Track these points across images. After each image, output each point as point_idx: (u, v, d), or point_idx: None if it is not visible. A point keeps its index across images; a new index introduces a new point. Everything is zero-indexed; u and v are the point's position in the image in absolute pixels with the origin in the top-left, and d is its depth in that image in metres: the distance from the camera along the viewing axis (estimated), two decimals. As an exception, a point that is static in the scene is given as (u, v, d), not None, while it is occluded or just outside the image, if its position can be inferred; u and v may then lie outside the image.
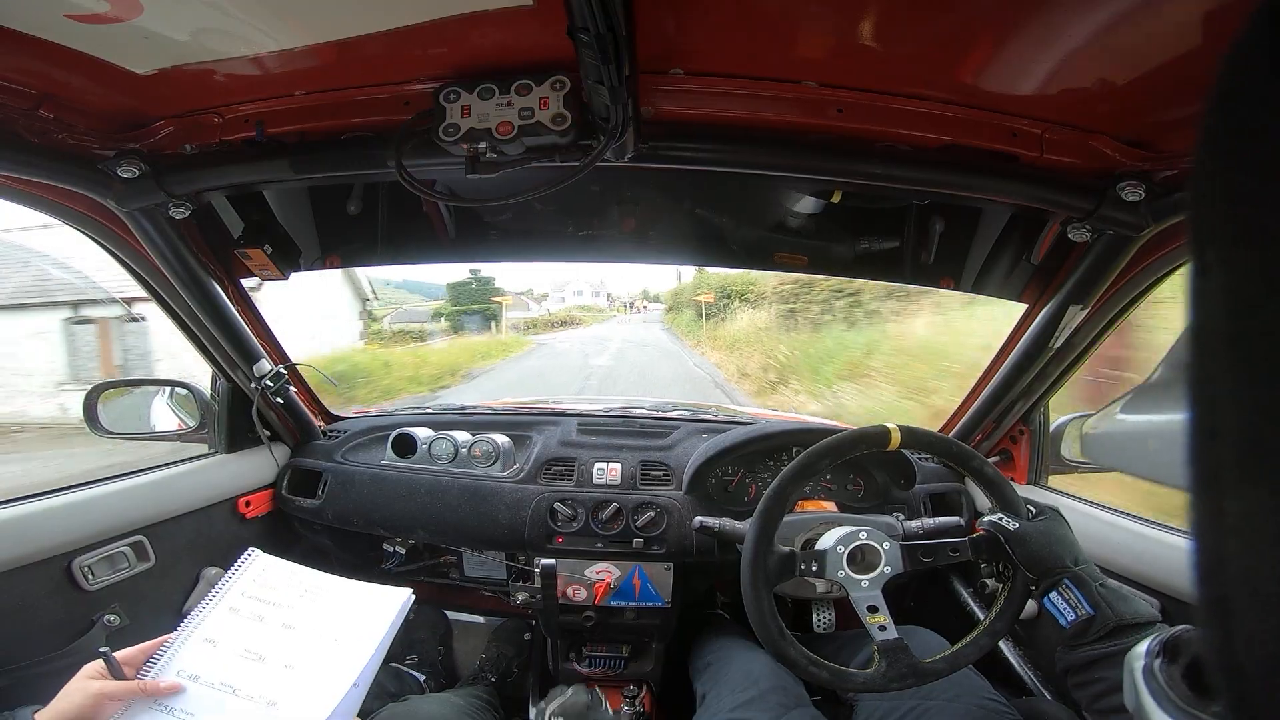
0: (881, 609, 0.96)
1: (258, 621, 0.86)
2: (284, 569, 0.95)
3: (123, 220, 1.09)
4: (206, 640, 0.83)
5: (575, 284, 47.08)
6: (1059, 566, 0.90)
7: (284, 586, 0.92)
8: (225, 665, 0.80)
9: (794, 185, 1.23)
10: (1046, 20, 0.69)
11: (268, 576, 0.93)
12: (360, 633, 0.86)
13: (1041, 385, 1.36)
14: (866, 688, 0.92)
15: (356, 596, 0.92)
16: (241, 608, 0.88)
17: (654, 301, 45.79)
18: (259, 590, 0.91)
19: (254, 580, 0.92)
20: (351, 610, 0.89)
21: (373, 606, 0.90)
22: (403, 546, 1.73)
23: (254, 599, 0.89)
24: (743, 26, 0.77)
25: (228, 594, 0.89)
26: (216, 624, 0.85)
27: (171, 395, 1.65)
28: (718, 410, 2.02)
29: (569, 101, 0.83)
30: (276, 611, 0.88)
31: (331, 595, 0.91)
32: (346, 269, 1.78)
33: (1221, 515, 0.23)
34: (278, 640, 0.84)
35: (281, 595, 0.90)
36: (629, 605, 1.56)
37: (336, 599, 0.91)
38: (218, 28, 0.73)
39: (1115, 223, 0.96)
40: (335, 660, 0.82)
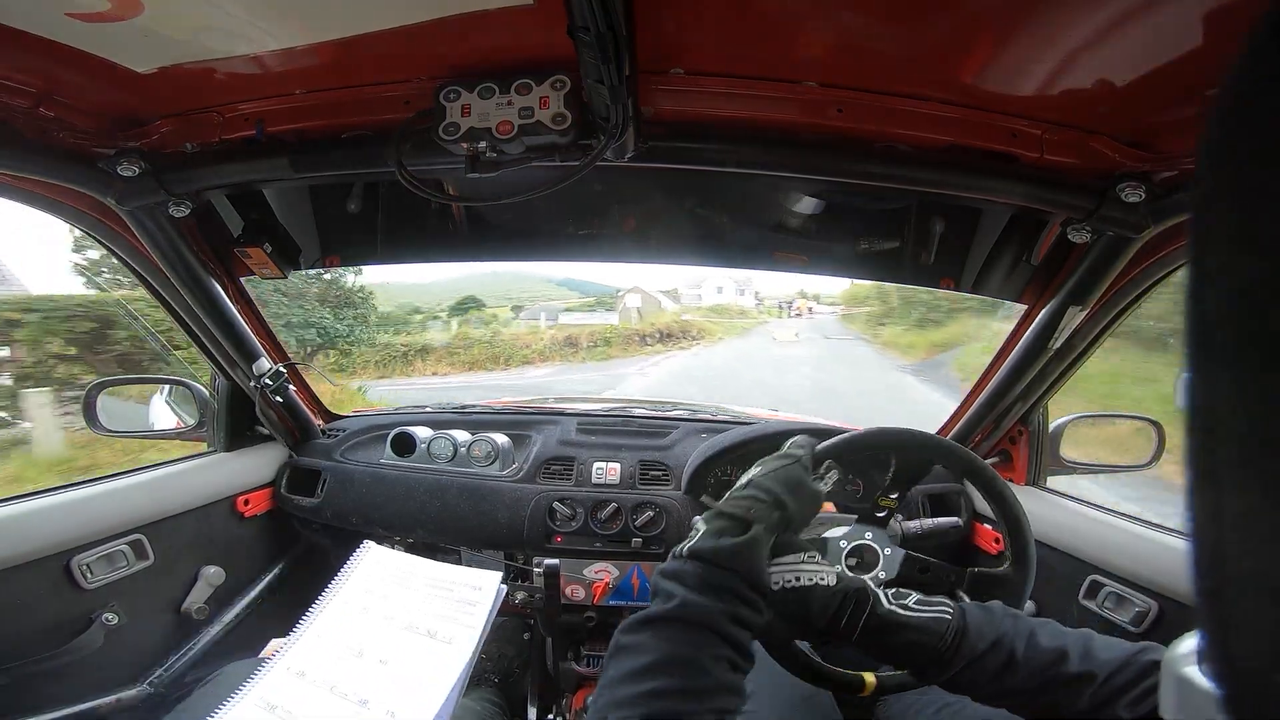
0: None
1: (362, 613, 0.86)
2: (392, 558, 0.94)
3: (123, 219, 1.09)
4: (318, 636, 0.83)
5: (714, 278, 37.95)
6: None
7: (388, 576, 0.91)
8: (330, 662, 0.80)
9: (794, 185, 1.23)
10: (1046, 21, 0.69)
11: (377, 567, 0.92)
12: (456, 628, 0.83)
13: (1040, 386, 1.36)
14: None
15: (449, 583, 0.89)
16: (351, 600, 0.88)
17: (817, 301, 38.13)
18: (367, 582, 0.90)
19: (366, 573, 0.92)
20: (444, 601, 0.87)
21: (469, 596, 0.87)
22: (402, 545, 1.73)
23: (363, 590, 0.89)
24: (743, 26, 0.77)
25: (343, 587, 0.89)
26: (329, 619, 0.85)
27: (171, 393, 1.65)
28: (717, 410, 2.02)
29: (569, 101, 0.83)
30: (380, 603, 0.87)
31: (425, 584, 0.90)
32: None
33: (1220, 512, 0.23)
34: (376, 633, 0.83)
35: (385, 586, 0.89)
36: (627, 605, 1.56)
37: (431, 586, 0.89)
38: (218, 26, 0.73)
39: (1115, 223, 0.96)
40: (431, 660, 0.80)
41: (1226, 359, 0.23)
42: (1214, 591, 0.24)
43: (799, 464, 0.80)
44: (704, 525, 0.70)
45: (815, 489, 0.79)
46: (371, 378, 15.73)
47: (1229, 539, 0.23)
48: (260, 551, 1.64)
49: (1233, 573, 0.23)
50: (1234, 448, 0.22)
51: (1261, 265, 0.21)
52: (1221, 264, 0.23)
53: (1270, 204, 0.21)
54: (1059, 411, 1.53)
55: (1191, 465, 0.24)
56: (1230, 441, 0.23)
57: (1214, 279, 0.23)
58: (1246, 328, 0.22)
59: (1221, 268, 0.23)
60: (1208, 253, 0.23)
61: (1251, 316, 0.22)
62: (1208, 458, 0.24)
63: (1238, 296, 0.22)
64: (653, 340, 19.00)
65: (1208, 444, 0.23)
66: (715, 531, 0.68)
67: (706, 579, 0.64)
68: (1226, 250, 0.23)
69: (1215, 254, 0.23)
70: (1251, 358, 0.22)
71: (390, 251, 1.38)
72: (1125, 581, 1.16)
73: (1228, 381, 0.23)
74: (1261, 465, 0.22)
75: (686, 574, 0.65)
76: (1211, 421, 0.23)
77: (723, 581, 0.64)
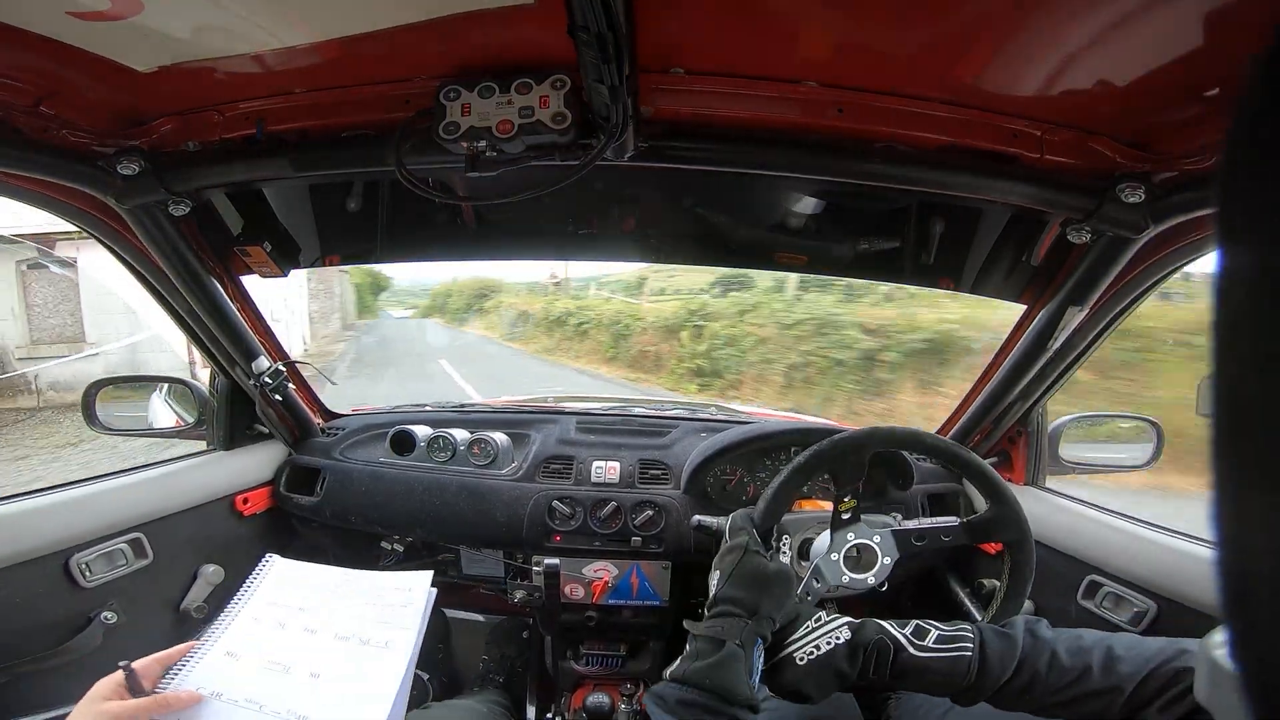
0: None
1: (279, 629, 0.81)
2: (303, 570, 0.90)
3: (123, 217, 1.09)
4: (228, 654, 0.77)
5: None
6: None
7: (304, 589, 0.86)
8: (249, 679, 0.75)
9: (794, 185, 1.23)
10: (1047, 21, 0.69)
11: (287, 580, 0.88)
12: (392, 631, 0.80)
13: (1040, 386, 1.37)
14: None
15: (376, 589, 0.86)
16: (262, 616, 0.82)
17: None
18: (279, 595, 0.85)
19: (274, 586, 0.87)
20: (373, 607, 0.83)
21: (400, 599, 0.84)
22: (400, 544, 1.74)
23: (274, 605, 0.84)
24: (743, 26, 0.77)
25: (248, 603, 0.84)
26: (237, 635, 0.80)
27: (170, 392, 1.65)
28: (716, 409, 2.02)
29: (569, 100, 0.83)
30: (298, 616, 0.82)
31: (350, 592, 0.86)
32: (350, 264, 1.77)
33: (1246, 511, 0.23)
34: (301, 647, 0.78)
35: (302, 598, 0.85)
36: (627, 604, 1.56)
37: (357, 595, 0.85)
38: (218, 25, 0.73)
39: (1115, 224, 0.96)
40: (369, 666, 0.76)
41: (1253, 354, 0.22)
42: (1238, 591, 0.24)
43: (748, 551, 0.85)
44: (688, 647, 0.79)
45: (777, 570, 0.85)
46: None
47: (1254, 537, 0.23)
48: (260, 550, 1.62)
49: (1258, 572, 0.23)
50: (1260, 444, 0.22)
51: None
52: (1248, 259, 0.23)
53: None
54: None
55: (1216, 462, 0.24)
56: (1256, 438, 0.22)
57: (1240, 274, 0.23)
58: (1272, 322, 0.22)
59: (1248, 262, 0.23)
60: (1234, 247, 0.23)
61: (1277, 311, 0.22)
62: (1233, 454, 0.23)
63: (1264, 292, 0.22)
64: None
65: (1233, 440, 0.23)
66: (693, 654, 0.78)
67: (683, 699, 0.74)
68: (1253, 245, 0.22)
69: (1241, 248, 0.23)
70: (1278, 352, 0.22)
71: (390, 251, 1.38)
72: (1124, 582, 1.16)
73: (1254, 378, 0.22)
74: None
75: (666, 696, 0.75)
76: (1237, 418, 0.23)
77: (697, 700, 0.73)
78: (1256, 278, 0.22)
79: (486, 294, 21.18)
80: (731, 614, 0.79)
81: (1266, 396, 0.22)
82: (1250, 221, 0.23)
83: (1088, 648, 0.75)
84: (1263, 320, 0.22)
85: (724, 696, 0.73)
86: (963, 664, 0.77)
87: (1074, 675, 0.73)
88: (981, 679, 0.76)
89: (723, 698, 0.73)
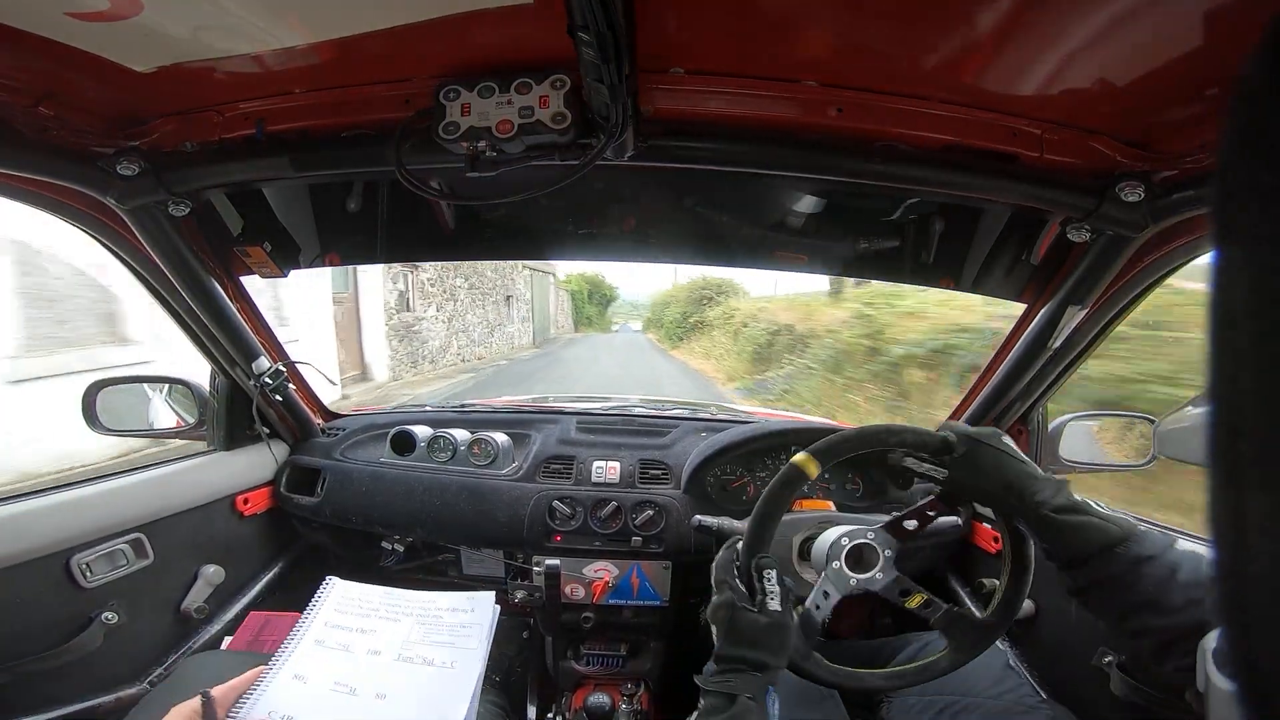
0: (913, 587, 0.94)
1: (344, 652, 0.81)
2: (364, 591, 0.89)
3: (122, 218, 1.09)
4: (296, 678, 0.77)
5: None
6: (1000, 500, 0.86)
7: (365, 610, 0.86)
8: (317, 702, 0.75)
9: (794, 185, 1.23)
10: (1046, 20, 0.69)
11: (349, 602, 0.88)
12: (454, 651, 0.80)
13: (1040, 385, 1.37)
14: (941, 672, 0.90)
15: (435, 609, 0.86)
16: (327, 639, 0.82)
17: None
18: (341, 619, 0.85)
19: (335, 609, 0.87)
20: (436, 628, 0.84)
21: (461, 619, 0.84)
22: (401, 544, 1.74)
23: (337, 628, 0.84)
24: (743, 26, 0.77)
25: (312, 626, 0.84)
26: (303, 658, 0.80)
27: (170, 392, 1.65)
28: (716, 409, 2.03)
29: (569, 100, 0.83)
30: (361, 638, 0.82)
31: (411, 612, 0.86)
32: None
33: (1243, 513, 0.23)
34: (366, 668, 0.78)
35: (363, 621, 0.85)
36: (627, 604, 1.57)
37: (417, 615, 0.85)
38: (218, 25, 0.73)
39: (1115, 223, 0.96)
40: (433, 686, 0.76)
41: (1251, 354, 0.22)
42: (1234, 593, 0.24)
43: (736, 609, 0.84)
44: (700, 702, 0.80)
45: (767, 625, 0.83)
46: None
47: (1251, 540, 0.23)
48: (260, 551, 1.64)
49: (1255, 574, 0.23)
50: (1257, 446, 0.22)
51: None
52: (1245, 257, 0.23)
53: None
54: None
55: (1213, 464, 0.23)
56: (1254, 440, 0.22)
57: (1237, 273, 0.23)
58: (1270, 323, 0.22)
59: (1245, 261, 0.22)
60: (1230, 247, 0.23)
61: (1275, 311, 0.21)
62: (1230, 456, 0.23)
63: (1262, 292, 0.22)
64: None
65: (1231, 442, 0.23)
66: (707, 710, 0.78)
67: None
68: (1250, 244, 0.22)
69: (1238, 248, 0.23)
70: (1276, 354, 0.22)
71: (390, 250, 1.39)
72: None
73: (1251, 378, 0.22)
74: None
75: None
76: (1234, 419, 0.23)
77: None
78: (1254, 277, 0.22)
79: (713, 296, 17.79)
80: (737, 670, 0.80)
81: (1263, 398, 0.22)
82: (1247, 220, 0.23)
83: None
84: (1260, 320, 0.22)
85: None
86: (1119, 527, 0.79)
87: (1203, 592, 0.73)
88: (1129, 546, 0.77)
89: None
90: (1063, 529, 0.80)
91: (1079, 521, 0.80)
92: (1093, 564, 0.79)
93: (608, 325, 22.22)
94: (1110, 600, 0.78)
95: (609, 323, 22.44)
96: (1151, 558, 0.76)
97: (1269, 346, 0.22)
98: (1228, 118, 0.22)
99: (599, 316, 23.00)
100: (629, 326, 23.18)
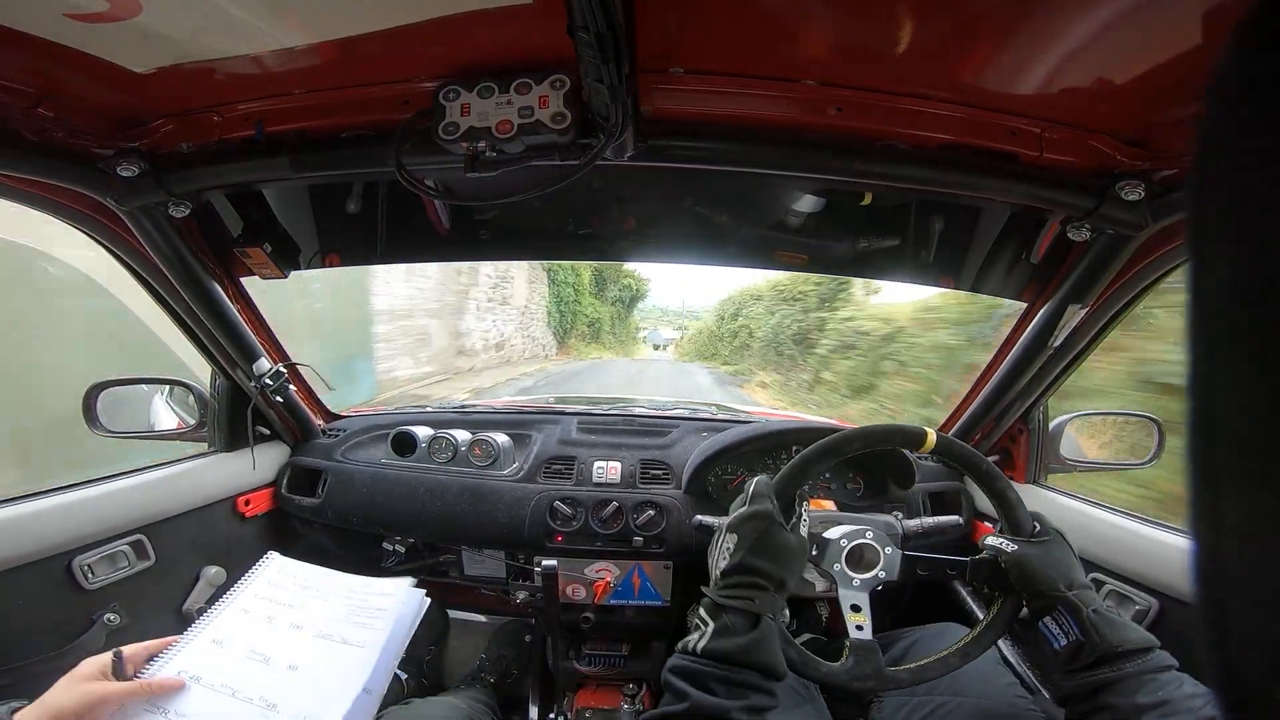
0: (864, 611, 0.95)
1: (266, 623, 0.85)
2: (299, 569, 0.93)
3: (122, 219, 1.09)
4: (214, 642, 0.81)
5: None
6: (1052, 590, 0.88)
7: (296, 587, 0.90)
8: (229, 667, 0.78)
9: (793, 184, 1.23)
10: (1046, 20, 0.68)
11: (282, 578, 0.92)
12: (367, 632, 0.83)
13: (1041, 384, 1.37)
14: (828, 679, 0.90)
15: (363, 593, 0.89)
16: (253, 609, 0.86)
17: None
18: (272, 591, 0.89)
19: (268, 582, 0.91)
20: (358, 608, 0.87)
21: (379, 603, 0.87)
22: (402, 545, 1.74)
23: (266, 600, 0.88)
24: (742, 25, 0.76)
25: (241, 596, 0.88)
26: (226, 625, 0.84)
27: (171, 394, 1.65)
28: (717, 409, 2.02)
29: (568, 100, 0.83)
30: (287, 612, 0.86)
31: (340, 593, 0.90)
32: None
33: (1220, 516, 0.23)
34: (284, 641, 0.82)
35: (293, 596, 0.89)
36: (628, 604, 1.57)
37: (345, 596, 0.89)
38: (217, 26, 0.73)
39: (1114, 222, 0.96)
40: (342, 662, 0.80)
41: (1226, 356, 0.22)
42: (1213, 598, 0.24)
43: (772, 522, 0.83)
44: (711, 621, 0.75)
45: (799, 545, 0.85)
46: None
47: (1229, 544, 0.23)
48: (261, 552, 1.63)
49: (1233, 579, 0.23)
50: (1234, 449, 0.22)
51: (1260, 258, 0.21)
52: (1219, 258, 0.22)
53: (1264, 195, 0.21)
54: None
55: (1191, 467, 0.23)
56: (1230, 442, 0.22)
57: (1212, 274, 0.23)
58: (1245, 324, 0.22)
59: (1219, 262, 0.22)
60: (1205, 247, 0.23)
61: (1250, 312, 0.21)
62: (1207, 459, 0.23)
63: (1236, 292, 0.22)
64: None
65: (1207, 445, 0.23)
66: (723, 628, 0.74)
67: (721, 676, 0.70)
68: (1224, 244, 0.22)
69: (1212, 248, 0.23)
70: (1251, 356, 0.21)
71: (390, 251, 1.38)
72: (1126, 579, 1.16)
73: (1227, 380, 0.22)
74: (1262, 467, 0.21)
75: (698, 673, 0.71)
76: (1211, 422, 0.23)
77: (738, 678, 0.70)
78: (1228, 278, 0.22)
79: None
80: (759, 585, 0.77)
81: (1237, 400, 0.22)
82: (1221, 220, 0.22)
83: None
84: (1235, 321, 0.22)
85: (766, 673, 0.72)
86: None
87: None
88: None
89: (765, 674, 0.72)
90: (1113, 625, 0.83)
91: (1123, 622, 0.84)
92: (1120, 662, 0.80)
93: (632, 336, 16.05)
94: (1121, 700, 0.79)
95: (634, 332, 16.29)
96: (1170, 668, 0.79)
97: (1244, 347, 0.22)
98: (1201, 119, 0.22)
99: (617, 323, 16.16)
100: (659, 334, 18.09)
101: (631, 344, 20.25)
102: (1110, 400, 3.46)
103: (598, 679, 1.65)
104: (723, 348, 16.21)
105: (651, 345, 31.79)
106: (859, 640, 0.93)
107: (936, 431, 0.96)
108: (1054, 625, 0.87)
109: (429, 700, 1.44)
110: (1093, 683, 0.81)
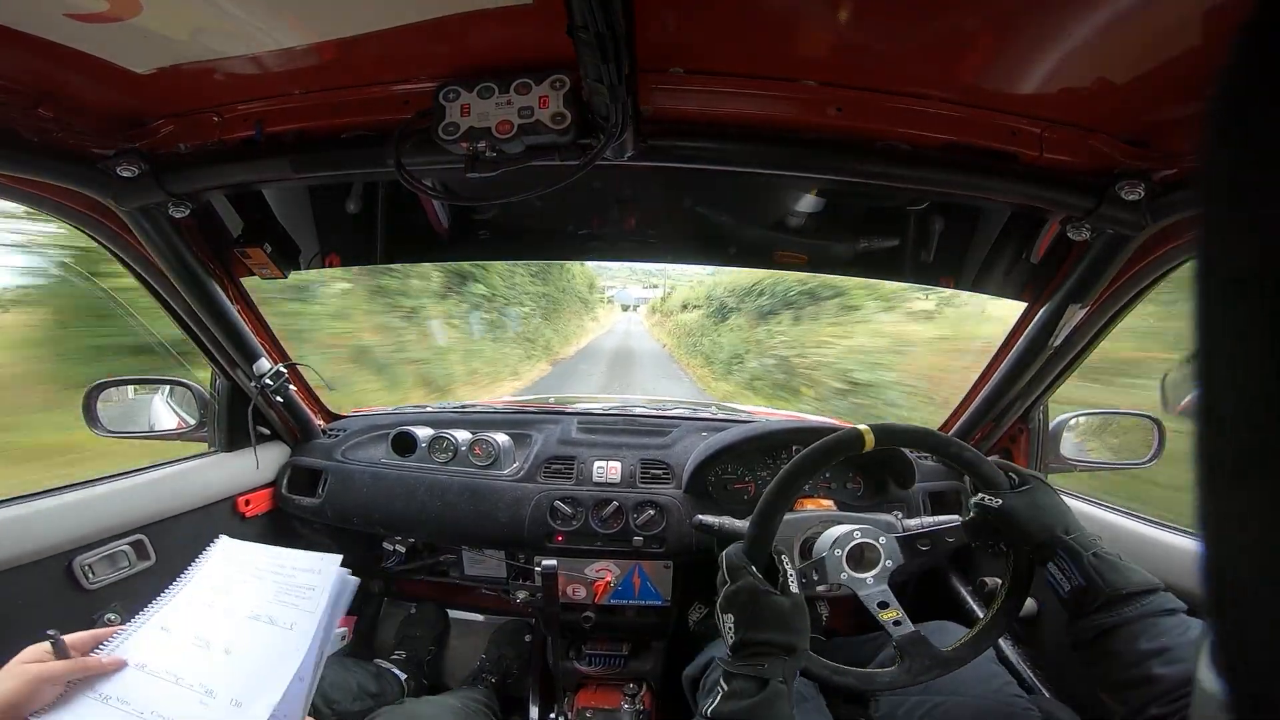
0: (892, 603, 0.95)
1: (208, 608, 0.83)
2: (242, 550, 0.91)
3: (122, 219, 1.09)
4: (161, 628, 0.80)
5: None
6: (1049, 537, 0.88)
7: (236, 567, 0.88)
8: (173, 653, 0.77)
9: (794, 184, 1.23)
10: (1046, 20, 0.68)
11: (229, 560, 0.89)
12: (295, 613, 0.80)
13: (1041, 384, 1.37)
14: (894, 686, 0.91)
15: (290, 567, 0.86)
16: (197, 594, 0.85)
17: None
18: (216, 575, 0.87)
19: (215, 565, 0.89)
20: (286, 586, 0.84)
21: (306, 580, 0.84)
22: (403, 545, 1.74)
23: (209, 585, 0.86)
24: (742, 25, 0.76)
25: (190, 581, 0.86)
26: (173, 611, 0.82)
27: (171, 394, 1.65)
28: (717, 409, 2.02)
29: (568, 100, 0.83)
30: (225, 596, 0.84)
31: (270, 569, 0.87)
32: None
33: (1229, 508, 0.23)
34: (221, 625, 0.80)
35: (234, 576, 0.87)
36: (629, 604, 1.57)
37: (274, 572, 0.86)
38: (217, 27, 0.73)
39: (1114, 221, 0.96)
40: (272, 645, 0.77)
41: (1233, 353, 0.22)
42: (1220, 595, 0.24)
43: (758, 590, 0.84)
44: (725, 686, 0.79)
45: (794, 605, 0.85)
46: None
47: (1236, 541, 0.22)
48: None
49: (1240, 576, 0.22)
50: (1241, 445, 0.22)
51: (1264, 252, 0.21)
52: (1225, 254, 0.22)
53: (1268, 191, 0.21)
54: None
55: (1199, 463, 0.23)
56: (1238, 438, 0.22)
57: (1218, 270, 0.23)
58: (1251, 318, 0.22)
59: (1225, 257, 0.22)
60: (1212, 244, 0.23)
61: (1256, 307, 0.21)
62: (1215, 456, 0.23)
63: (1242, 289, 0.22)
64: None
65: (1215, 441, 0.23)
66: (735, 693, 0.78)
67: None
68: (1230, 239, 0.22)
69: (1219, 245, 0.23)
70: (1257, 350, 0.21)
71: (390, 251, 1.39)
72: None
73: (1233, 375, 0.22)
74: (1270, 464, 0.21)
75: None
76: (1219, 418, 0.23)
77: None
78: (1242, 274, 0.22)
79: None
80: (769, 653, 0.79)
81: (1247, 394, 0.22)
82: (1228, 217, 0.22)
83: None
84: (1246, 318, 0.22)
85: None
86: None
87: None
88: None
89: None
90: (1115, 568, 0.83)
91: (1125, 564, 0.84)
92: (1122, 606, 0.80)
93: (591, 291, 13.51)
94: (1124, 646, 0.78)
95: (593, 287, 13.78)
96: (1174, 611, 0.79)
97: (1251, 344, 0.22)
98: (1207, 116, 0.22)
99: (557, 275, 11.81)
100: (628, 293, 15.73)
101: (593, 309, 16.75)
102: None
103: (598, 679, 1.65)
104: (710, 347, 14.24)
105: (620, 305, 30.80)
106: (903, 636, 0.93)
107: (870, 425, 0.94)
108: (1057, 571, 0.87)
109: (425, 700, 1.44)
110: (1094, 628, 0.81)
